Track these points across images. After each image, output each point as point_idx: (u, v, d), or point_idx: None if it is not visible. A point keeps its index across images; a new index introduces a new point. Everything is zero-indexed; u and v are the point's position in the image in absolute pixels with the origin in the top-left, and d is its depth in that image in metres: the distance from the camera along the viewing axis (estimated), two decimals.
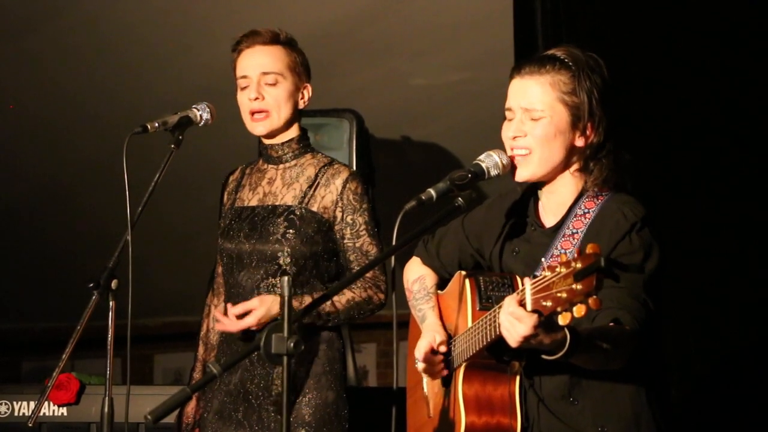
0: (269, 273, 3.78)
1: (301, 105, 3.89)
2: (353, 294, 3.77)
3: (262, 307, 3.68)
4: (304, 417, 3.72)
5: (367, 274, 3.78)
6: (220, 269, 4.02)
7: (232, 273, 3.86)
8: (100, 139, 6.37)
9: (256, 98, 3.81)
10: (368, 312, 3.80)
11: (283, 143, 3.88)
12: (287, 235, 3.77)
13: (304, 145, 3.90)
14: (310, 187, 3.83)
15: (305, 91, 3.88)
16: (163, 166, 3.58)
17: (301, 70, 3.87)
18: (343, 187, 3.80)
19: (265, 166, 3.92)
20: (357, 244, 3.80)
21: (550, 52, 3.11)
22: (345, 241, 3.81)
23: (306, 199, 3.81)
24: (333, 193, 3.80)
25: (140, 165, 3.54)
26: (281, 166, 3.88)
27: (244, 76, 3.84)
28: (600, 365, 2.89)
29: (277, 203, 3.84)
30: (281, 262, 3.77)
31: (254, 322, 3.68)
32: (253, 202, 3.89)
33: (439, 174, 3.05)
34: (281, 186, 3.86)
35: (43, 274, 8.04)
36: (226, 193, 4.02)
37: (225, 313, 3.75)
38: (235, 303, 3.79)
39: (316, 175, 3.84)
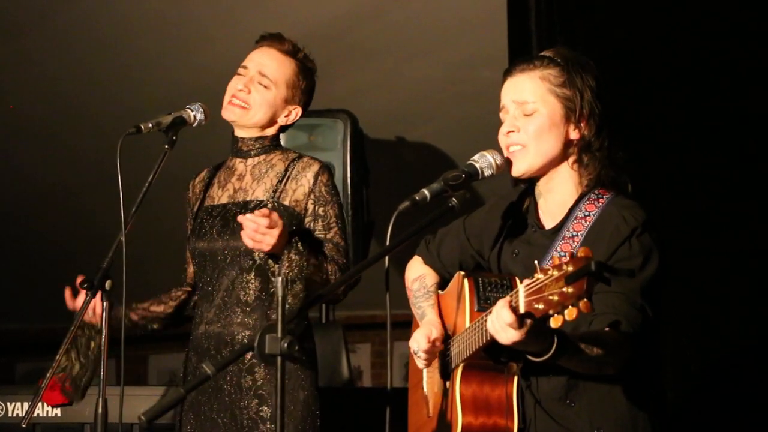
0: (244, 269, 3.79)
1: (283, 121, 3.91)
2: (334, 267, 3.76)
3: (275, 213, 3.63)
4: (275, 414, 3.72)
5: (336, 256, 3.79)
6: (190, 270, 4.02)
7: (205, 271, 3.86)
8: (96, 140, 6.37)
9: (242, 90, 3.86)
10: (324, 281, 3.75)
11: (254, 138, 3.90)
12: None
13: (274, 144, 3.93)
14: (280, 181, 3.84)
15: (293, 112, 3.91)
16: (157, 167, 3.59)
17: (298, 92, 3.90)
18: (315, 179, 3.82)
19: (233, 162, 3.94)
20: (328, 236, 3.81)
21: (539, 54, 3.13)
22: (315, 233, 3.81)
23: (277, 193, 3.82)
24: (305, 186, 3.82)
25: (136, 166, 3.54)
26: (249, 161, 3.90)
27: (245, 66, 3.91)
28: (592, 370, 2.89)
29: (248, 198, 3.85)
30: (256, 257, 3.77)
31: (277, 223, 3.58)
32: (224, 200, 3.90)
33: (433, 174, 3.05)
34: (251, 181, 3.88)
35: (38, 274, 8.03)
36: (192, 195, 4.02)
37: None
38: (209, 302, 3.83)
39: (286, 169, 3.86)
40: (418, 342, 3.16)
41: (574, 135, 3.06)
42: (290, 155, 3.91)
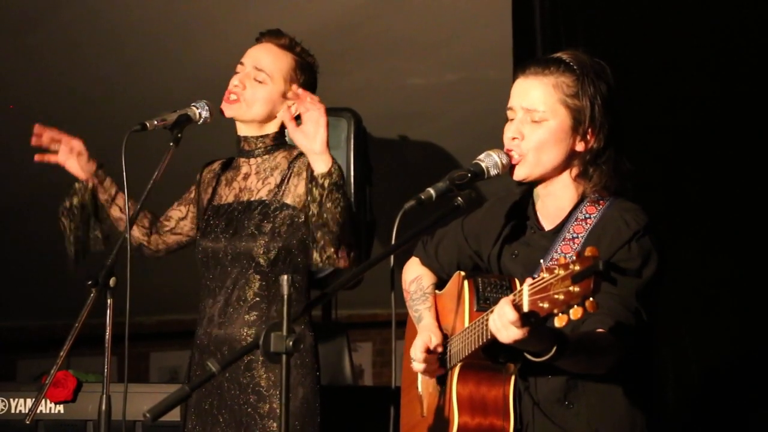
0: (246, 268, 3.80)
1: (282, 116, 3.89)
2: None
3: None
4: (275, 411, 3.72)
5: None
6: (171, 213, 4.05)
7: (209, 270, 3.88)
8: (102, 137, 6.35)
9: (237, 86, 3.87)
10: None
11: (257, 137, 3.90)
12: (261, 229, 3.78)
13: (278, 143, 3.92)
14: (283, 179, 3.85)
15: (293, 107, 3.88)
16: (162, 165, 3.59)
17: (297, 86, 3.88)
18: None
19: (239, 161, 3.95)
20: None
21: (556, 54, 3.11)
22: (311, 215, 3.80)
23: (280, 192, 3.83)
24: (305, 180, 3.81)
25: (140, 163, 3.54)
26: (253, 160, 3.91)
27: (242, 63, 3.91)
28: (583, 370, 2.90)
29: (252, 198, 3.86)
30: (255, 255, 3.78)
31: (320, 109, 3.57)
32: (230, 199, 3.91)
33: (438, 173, 3.04)
34: (256, 181, 3.89)
35: (40, 271, 8.03)
36: (203, 181, 4.02)
37: None
38: (212, 300, 3.84)
39: (289, 166, 3.86)
40: (416, 352, 3.16)
41: (579, 147, 3.05)
42: (294, 152, 3.90)
